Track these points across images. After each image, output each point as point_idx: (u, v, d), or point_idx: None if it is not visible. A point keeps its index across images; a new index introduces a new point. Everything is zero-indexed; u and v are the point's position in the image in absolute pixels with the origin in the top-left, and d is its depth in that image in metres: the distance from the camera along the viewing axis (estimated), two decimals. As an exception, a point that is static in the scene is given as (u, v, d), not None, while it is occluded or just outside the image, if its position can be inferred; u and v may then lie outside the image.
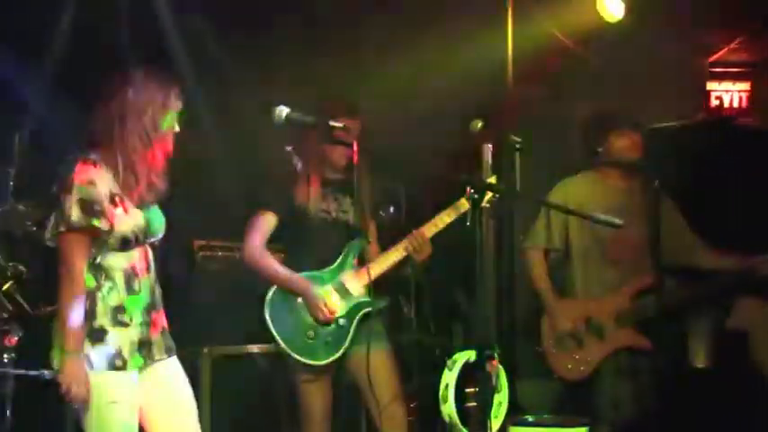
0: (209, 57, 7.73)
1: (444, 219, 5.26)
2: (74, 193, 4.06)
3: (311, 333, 5.28)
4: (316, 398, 5.34)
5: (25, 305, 6.18)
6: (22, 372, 6.03)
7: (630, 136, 5.64)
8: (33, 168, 3.76)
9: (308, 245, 5.39)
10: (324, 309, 5.23)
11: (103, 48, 7.39)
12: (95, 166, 4.15)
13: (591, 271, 5.70)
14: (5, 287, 6.10)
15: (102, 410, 4.16)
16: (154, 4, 7.66)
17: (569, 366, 5.55)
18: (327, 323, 5.26)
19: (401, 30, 7.07)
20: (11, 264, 6.13)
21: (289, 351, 5.28)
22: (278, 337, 5.28)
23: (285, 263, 5.40)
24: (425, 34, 7.02)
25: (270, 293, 5.34)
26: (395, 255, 5.35)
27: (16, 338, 6.11)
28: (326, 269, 5.33)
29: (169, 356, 4.43)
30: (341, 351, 5.26)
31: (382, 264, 5.32)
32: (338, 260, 5.33)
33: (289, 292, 5.31)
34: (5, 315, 6.14)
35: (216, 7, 7.50)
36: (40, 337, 4.39)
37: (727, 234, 6.23)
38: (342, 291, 5.30)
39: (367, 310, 5.29)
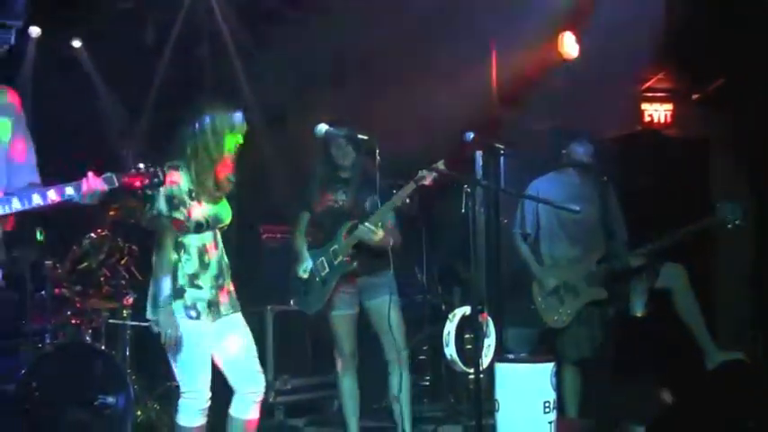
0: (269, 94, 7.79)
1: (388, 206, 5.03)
2: (162, 191, 4.16)
3: (306, 290, 5.25)
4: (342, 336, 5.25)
5: (137, 274, 6.17)
6: (136, 324, 6.04)
7: (586, 144, 5.61)
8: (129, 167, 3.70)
9: (320, 227, 5.33)
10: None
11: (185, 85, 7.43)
12: (178, 171, 4.28)
13: (556, 247, 5.65)
14: (123, 261, 6.09)
15: (181, 348, 4.22)
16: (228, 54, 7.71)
17: (555, 318, 5.54)
18: (321, 275, 5.17)
19: (409, 65, 7.03)
20: (126, 244, 6.12)
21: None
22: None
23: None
24: (429, 69, 6.97)
25: None
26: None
27: (131, 299, 6.11)
28: (327, 244, 5.19)
29: (234, 313, 4.44)
30: (322, 303, 5.15)
31: (354, 238, 5.07)
32: (334, 236, 5.17)
33: None
34: (123, 282, 6.14)
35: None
36: (147, 297, 4.37)
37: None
38: (328, 258, 5.14)
39: (342, 271, 5.09)
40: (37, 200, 3.44)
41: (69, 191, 3.48)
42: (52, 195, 3.46)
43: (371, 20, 6.77)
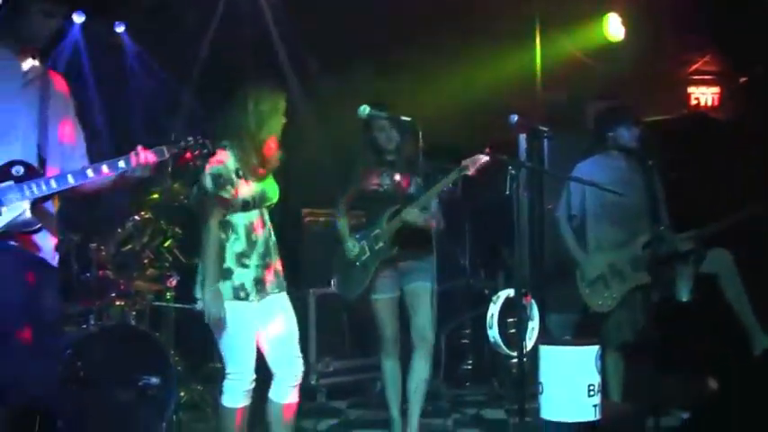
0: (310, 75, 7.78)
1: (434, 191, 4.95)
2: (209, 170, 4.22)
3: (346, 274, 5.21)
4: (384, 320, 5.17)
5: (181, 257, 6.20)
6: (179, 306, 6.07)
7: (632, 128, 5.51)
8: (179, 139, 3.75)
9: (363, 210, 5.32)
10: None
11: (231, 66, 7.43)
12: (225, 150, 4.33)
13: (602, 231, 5.54)
14: (167, 244, 6.12)
15: (228, 329, 4.25)
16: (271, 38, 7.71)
17: (599, 303, 5.43)
18: (362, 260, 5.11)
19: (455, 49, 6.96)
20: (170, 227, 6.14)
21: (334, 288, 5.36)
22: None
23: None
24: (474, 51, 6.90)
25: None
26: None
27: (175, 281, 6.14)
28: (369, 228, 5.15)
29: (279, 292, 4.45)
30: (362, 288, 5.09)
31: (396, 223, 4.99)
32: (377, 220, 5.11)
33: None
34: (167, 264, 6.17)
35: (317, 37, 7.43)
36: (192, 280, 4.40)
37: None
38: (369, 242, 5.09)
39: (383, 256, 5.03)
40: (91, 174, 3.51)
41: (121, 164, 3.55)
42: (105, 169, 3.53)
43: (415, 1, 6.73)
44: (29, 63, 3.61)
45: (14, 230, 3.41)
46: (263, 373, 4.39)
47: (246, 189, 4.34)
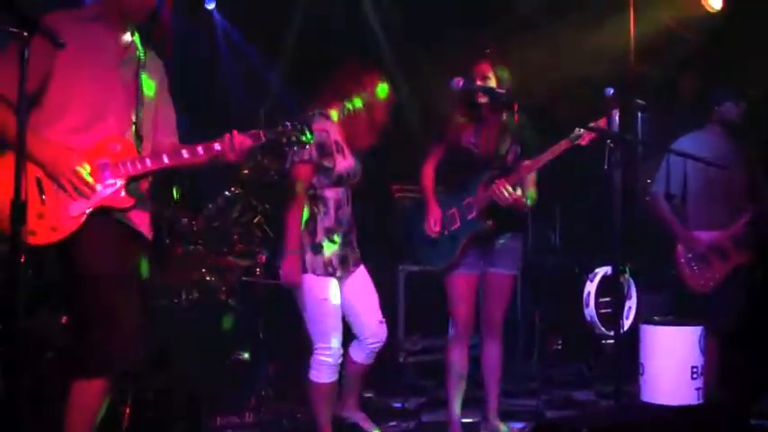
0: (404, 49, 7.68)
1: (544, 158, 4.54)
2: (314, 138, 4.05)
3: (433, 242, 4.78)
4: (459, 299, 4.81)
5: (270, 233, 6.18)
6: (269, 281, 6.05)
7: (741, 103, 5.27)
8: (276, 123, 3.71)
9: (455, 172, 4.87)
10: (430, 224, 4.77)
11: (324, 45, 7.37)
12: (328, 120, 4.37)
13: (705, 208, 5.33)
14: (256, 220, 6.10)
15: (318, 304, 4.30)
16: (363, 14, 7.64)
17: (701, 282, 5.24)
18: (451, 230, 4.71)
19: (546, 22, 6.77)
20: (259, 203, 6.12)
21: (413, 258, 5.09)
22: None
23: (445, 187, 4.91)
24: (566, 24, 6.70)
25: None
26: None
27: (264, 257, 6.12)
28: (460, 193, 4.73)
29: (358, 267, 4.51)
30: (450, 259, 4.69)
31: (498, 192, 4.53)
32: (469, 186, 4.73)
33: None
34: (256, 240, 6.16)
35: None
36: (281, 255, 4.36)
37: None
38: (462, 210, 4.70)
39: (476, 228, 4.65)
40: (186, 155, 3.51)
41: (217, 146, 3.53)
42: (200, 151, 3.52)
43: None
44: (126, 39, 3.60)
45: (109, 207, 3.41)
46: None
47: (344, 163, 4.34)
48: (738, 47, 7.17)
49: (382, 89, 4.44)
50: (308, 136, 3.66)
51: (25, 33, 2.88)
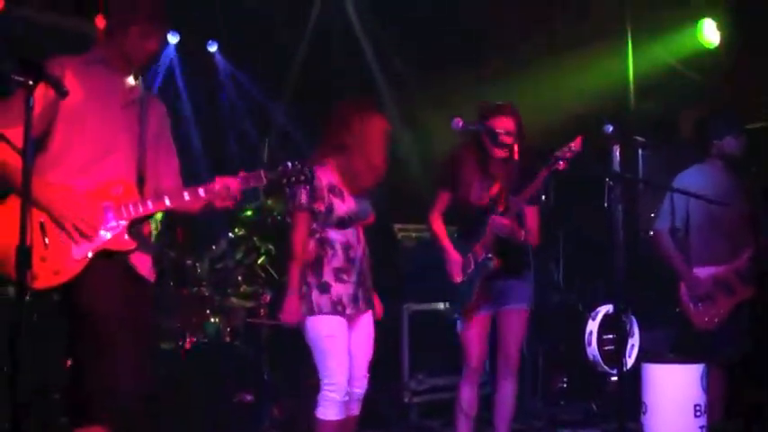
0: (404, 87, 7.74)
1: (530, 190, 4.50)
2: None
3: (453, 288, 4.77)
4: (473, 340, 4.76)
5: (274, 274, 6.20)
6: (273, 322, 6.06)
7: (741, 137, 5.30)
8: (277, 164, 3.76)
9: (466, 223, 4.84)
10: (450, 268, 4.74)
11: (325, 80, 7.44)
12: (322, 165, 4.36)
13: (709, 243, 5.31)
14: (260, 261, 6.13)
15: (324, 341, 4.28)
16: (362, 47, 7.71)
17: (706, 319, 5.21)
18: (468, 274, 4.68)
19: (546, 58, 6.83)
20: (263, 244, 6.15)
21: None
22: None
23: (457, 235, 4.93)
24: (566, 61, 6.76)
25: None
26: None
27: (268, 298, 6.14)
28: (471, 239, 4.70)
29: (368, 309, 4.49)
30: (468, 302, 4.65)
31: (496, 223, 4.56)
32: (479, 234, 4.68)
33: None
34: (260, 281, 6.18)
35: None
36: (285, 297, 4.38)
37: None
38: (474, 254, 4.66)
39: (485, 269, 4.61)
40: (187, 197, 3.54)
41: (217, 187, 3.55)
42: (202, 193, 3.55)
43: (504, 8, 6.63)
44: (131, 82, 3.65)
45: (111, 250, 3.44)
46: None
47: (342, 206, 4.35)
48: (737, 82, 7.22)
49: (373, 127, 4.42)
50: (309, 175, 3.70)
51: (30, 82, 2.92)
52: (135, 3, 3.55)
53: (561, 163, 4.39)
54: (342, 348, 4.31)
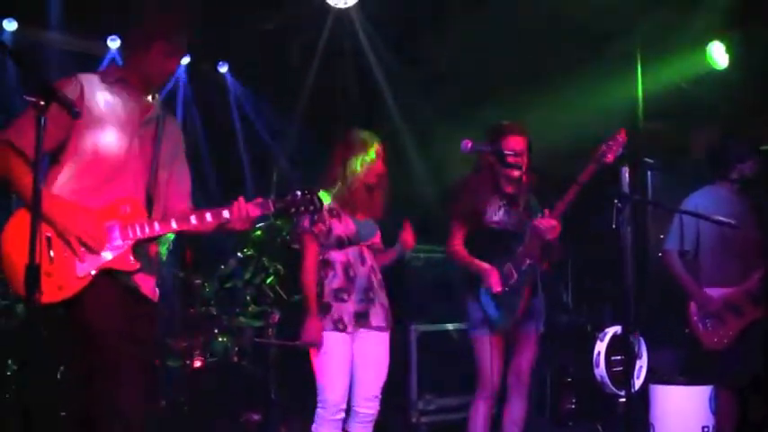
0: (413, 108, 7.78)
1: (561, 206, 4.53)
2: None
3: (497, 306, 4.65)
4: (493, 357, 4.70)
5: (282, 294, 6.21)
6: (281, 342, 6.07)
7: (755, 158, 5.29)
8: (286, 193, 3.78)
9: (482, 245, 4.81)
10: (492, 284, 4.64)
11: (333, 106, 7.47)
12: (325, 191, 4.50)
13: (719, 265, 5.30)
14: (269, 281, 6.14)
15: (320, 358, 4.38)
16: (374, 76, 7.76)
17: (715, 340, 5.19)
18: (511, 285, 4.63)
19: (556, 81, 6.83)
20: (271, 264, 6.17)
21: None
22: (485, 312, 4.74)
23: None
24: (575, 84, 6.77)
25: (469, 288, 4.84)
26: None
27: (277, 318, 6.15)
28: (501, 258, 4.66)
29: (384, 329, 4.53)
30: (516, 313, 4.61)
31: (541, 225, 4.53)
32: (501, 258, 4.68)
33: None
34: (269, 301, 6.19)
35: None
36: (293, 316, 4.45)
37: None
38: (515, 264, 4.62)
39: (531, 278, 4.60)
40: (194, 221, 3.55)
41: (225, 214, 3.57)
42: (209, 218, 3.56)
43: (516, 33, 6.64)
44: (147, 102, 3.67)
45: (114, 269, 3.44)
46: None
47: (341, 227, 4.47)
48: (746, 103, 7.22)
49: (364, 157, 4.53)
50: (318, 204, 3.72)
51: (42, 102, 2.95)
52: (159, 21, 3.59)
53: (609, 156, 4.43)
54: (337, 366, 4.37)
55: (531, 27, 6.62)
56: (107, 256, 3.42)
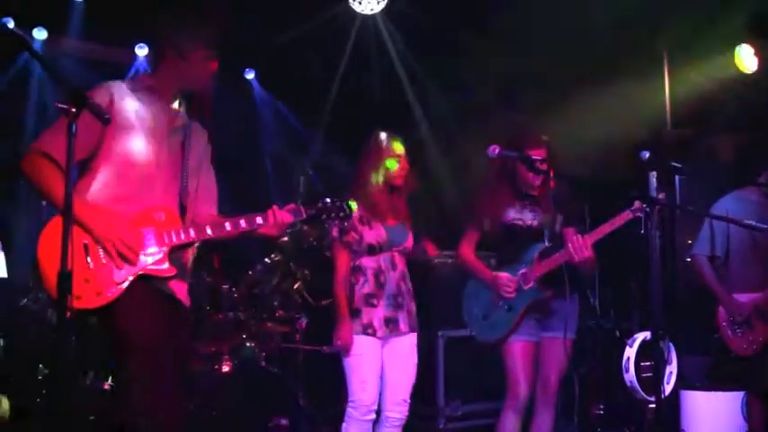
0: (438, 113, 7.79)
1: (605, 229, 4.50)
2: None
3: (486, 316, 4.75)
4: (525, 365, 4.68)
5: (309, 299, 6.22)
6: (308, 347, 6.08)
7: None
8: (314, 198, 3.81)
9: (505, 246, 4.83)
10: (502, 286, 4.66)
11: (359, 111, 7.48)
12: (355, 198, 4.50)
13: (749, 270, 5.26)
14: (296, 286, 6.14)
15: (351, 359, 4.52)
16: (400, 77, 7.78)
17: (744, 346, 5.15)
18: (507, 300, 4.64)
19: (583, 86, 6.80)
20: (299, 269, 6.17)
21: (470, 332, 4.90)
22: (465, 320, 4.89)
23: (496, 261, 4.91)
24: (602, 88, 6.73)
25: (465, 289, 4.94)
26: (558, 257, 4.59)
27: (304, 323, 6.16)
28: (513, 265, 4.70)
29: (411, 332, 4.65)
30: (507, 329, 4.62)
31: (550, 262, 4.57)
32: (523, 258, 4.70)
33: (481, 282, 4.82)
34: (296, 306, 6.20)
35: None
36: (320, 322, 4.51)
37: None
38: (518, 282, 4.64)
39: (536, 296, 4.60)
40: (228, 228, 3.60)
41: (259, 220, 3.63)
42: (242, 224, 3.61)
43: (543, 38, 6.62)
44: (174, 109, 3.70)
45: (151, 275, 3.47)
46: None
47: (372, 234, 4.58)
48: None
49: (387, 161, 4.65)
50: (348, 211, 3.76)
51: (73, 109, 2.98)
52: (200, 27, 3.64)
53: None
54: (368, 368, 4.49)
55: (559, 32, 6.59)
56: (144, 262, 3.45)
